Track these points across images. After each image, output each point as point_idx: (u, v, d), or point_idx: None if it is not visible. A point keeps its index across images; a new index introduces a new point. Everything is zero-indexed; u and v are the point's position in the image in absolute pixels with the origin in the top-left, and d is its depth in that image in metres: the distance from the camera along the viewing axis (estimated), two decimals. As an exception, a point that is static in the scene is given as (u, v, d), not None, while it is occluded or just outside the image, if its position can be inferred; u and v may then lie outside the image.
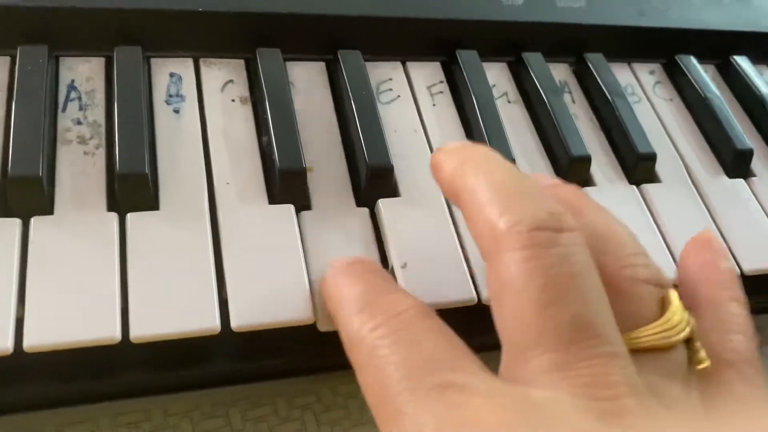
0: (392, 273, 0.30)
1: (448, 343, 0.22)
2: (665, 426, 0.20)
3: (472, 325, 0.27)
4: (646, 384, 0.21)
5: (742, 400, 0.23)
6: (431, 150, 0.35)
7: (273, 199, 0.31)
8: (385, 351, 0.22)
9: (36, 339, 0.25)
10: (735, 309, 0.26)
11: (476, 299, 0.30)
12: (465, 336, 0.23)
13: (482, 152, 0.26)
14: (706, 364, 0.23)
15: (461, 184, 0.25)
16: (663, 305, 0.23)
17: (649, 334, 0.22)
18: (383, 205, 0.32)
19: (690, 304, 0.26)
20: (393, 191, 0.33)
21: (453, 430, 0.19)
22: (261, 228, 0.30)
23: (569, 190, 0.28)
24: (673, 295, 0.24)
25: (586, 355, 0.20)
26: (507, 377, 0.21)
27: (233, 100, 0.34)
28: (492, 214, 0.22)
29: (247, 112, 0.34)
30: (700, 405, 0.22)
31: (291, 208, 0.31)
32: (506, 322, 0.22)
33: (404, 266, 0.29)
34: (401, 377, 0.21)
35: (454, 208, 0.33)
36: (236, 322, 0.27)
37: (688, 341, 0.23)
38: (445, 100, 0.38)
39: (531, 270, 0.21)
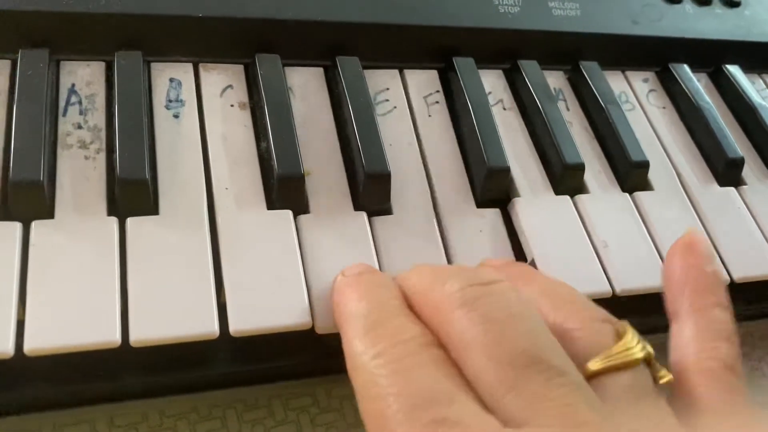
0: None
1: (444, 376, 0.22)
2: (642, 417, 0.21)
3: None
4: (614, 406, 0.22)
5: (719, 410, 0.23)
6: (425, 164, 0.36)
7: (271, 204, 0.31)
8: (384, 381, 0.22)
9: (37, 342, 0.25)
10: (719, 315, 0.26)
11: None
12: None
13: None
14: (668, 378, 0.24)
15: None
16: (619, 336, 0.24)
17: (612, 355, 0.23)
18: (378, 222, 0.32)
19: (674, 311, 0.27)
20: (388, 198, 0.33)
21: None
22: (259, 233, 0.30)
23: (518, 265, 0.31)
24: (626, 325, 0.25)
25: (548, 387, 0.21)
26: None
27: (232, 106, 0.35)
28: (425, 293, 0.25)
29: (245, 117, 0.34)
30: (672, 419, 0.23)
31: (289, 213, 0.31)
32: (472, 379, 0.23)
33: None
34: (398, 410, 0.21)
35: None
36: (234, 327, 0.27)
37: (649, 363, 0.24)
38: (442, 108, 0.38)
39: (472, 320, 0.23)
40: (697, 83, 0.44)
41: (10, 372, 0.26)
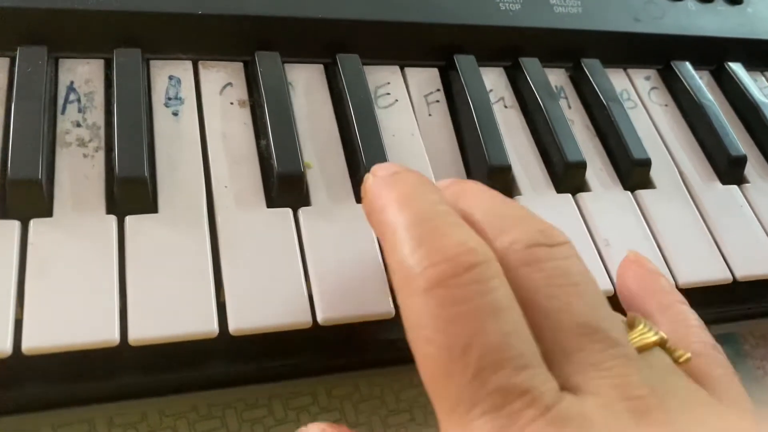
0: None
1: (516, 325, 0.20)
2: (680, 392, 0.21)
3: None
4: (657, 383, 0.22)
5: (724, 385, 0.24)
6: (428, 155, 0.36)
7: (271, 202, 0.31)
8: (446, 326, 0.19)
9: (35, 341, 0.25)
10: (684, 308, 0.27)
11: None
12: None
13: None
14: (687, 356, 0.24)
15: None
16: (630, 326, 0.24)
17: (632, 338, 0.23)
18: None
19: (643, 314, 0.27)
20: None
21: None
22: (259, 232, 0.30)
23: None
24: (634, 316, 0.25)
25: (603, 357, 0.21)
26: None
27: (232, 103, 0.34)
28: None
29: (245, 115, 0.34)
30: (702, 391, 0.23)
31: (289, 212, 0.31)
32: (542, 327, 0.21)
33: None
34: (461, 368, 0.19)
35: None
36: (234, 326, 0.27)
37: (663, 347, 0.24)
38: (443, 105, 0.38)
39: (536, 282, 0.22)
40: (699, 81, 0.44)
41: (9, 371, 0.26)
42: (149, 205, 0.29)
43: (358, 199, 0.32)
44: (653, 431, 0.20)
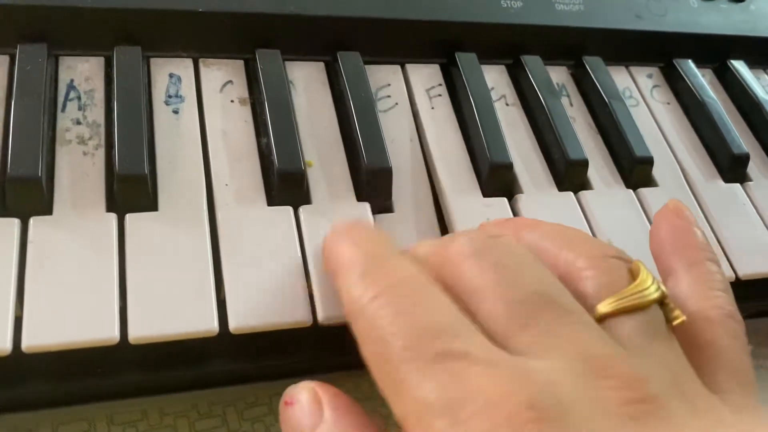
0: None
1: (447, 310, 0.22)
2: (654, 358, 0.21)
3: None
4: (629, 345, 0.22)
5: (729, 355, 0.24)
6: (426, 159, 0.35)
7: (272, 200, 0.31)
8: (385, 321, 0.22)
9: (34, 339, 0.25)
10: (713, 268, 0.27)
11: None
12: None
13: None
14: (681, 318, 0.24)
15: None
16: (633, 275, 0.24)
17: (625, 296, 0.23)
18: (379, 220, 0.32)
19: (668, 270, 0.27)
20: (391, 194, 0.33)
21: (454, 402, 0.19)
22: (259, 230, 0.30)
23: (520, 218, 0.32)
24: (640, 265, 0.25)
25: (559, 323, 0.21)
26: None
27: (232, 101, 0.34)
28: (440, 247, 0.25)
29: (246, 113, 0.34)
30: (684, 360, 0.23)
31: (290, 210, 0.31)
32: (483, 323, 0.22)
33: None
34: (402, 347, 0.21)
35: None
36: (234, 324, 0.27)
37: (662, 304, 0.24)
38: (444, 103, 0.38)
39: (482, 268, 0.23)
40: (701, 79, 0.44)
41: (8, 369, 0.26)
42: (149, 203, 0.29)
43: (359, 198, 0.32)
44: (612, 385, 0.20)
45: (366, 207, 0.32)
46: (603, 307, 0.23)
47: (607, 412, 0.19)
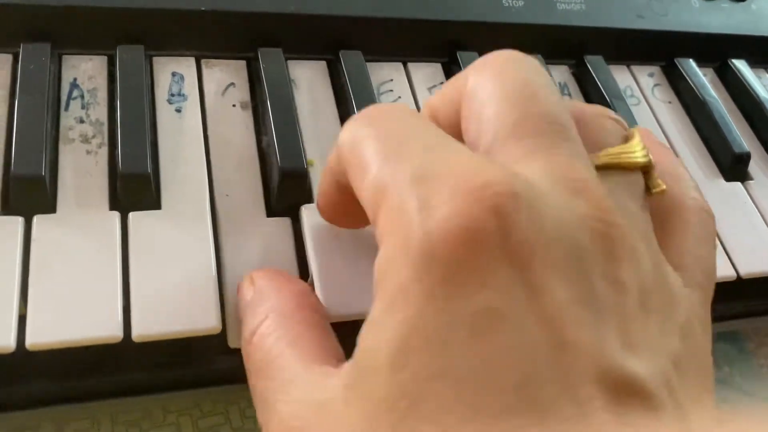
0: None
1: (427, 125, 0.22)
2: (626, 212, 0.21)
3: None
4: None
5: (698, 240, 0.24)
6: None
7: (273, 199, 0.31)
8: (362, 131, 0.22)
9: (38, 337, 0.25)
10: (683, 168, 0.27)
11: None
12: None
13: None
14: (662, 187, 0.24)
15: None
16: (625, 139, 0.24)
17: (613, 153, 0.23)
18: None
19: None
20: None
21: (426, 180, 0.19)
22: (260, 228, 0.30)
23: None
24: (635, 132, 0.25)
25: (557, 144, 0.21)
26: None
27: (234, 105, 0.34)
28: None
29: (246, 115, 0.34)
30: (650, 224, 0.23)
31: (289, 220, 0.31)
32: (483, 126, 0.22)
33: None
34: (384, 141, 0.21)
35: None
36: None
37: (646, 173, 0.24)
38: (446, 102, 0.38)
39: (504, 79, 0.22)
40: (702, 78, 0.44)
41: (12, 367, 0.26)
42: (152, 202, 0.29)
43: None
44: (585, 200, 0.19)
45: None
46: (594, 159, 0.22)
47: (575, 217, 0.19)
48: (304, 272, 0.29)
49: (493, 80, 0.23)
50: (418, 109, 0.37)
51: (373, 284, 0.20)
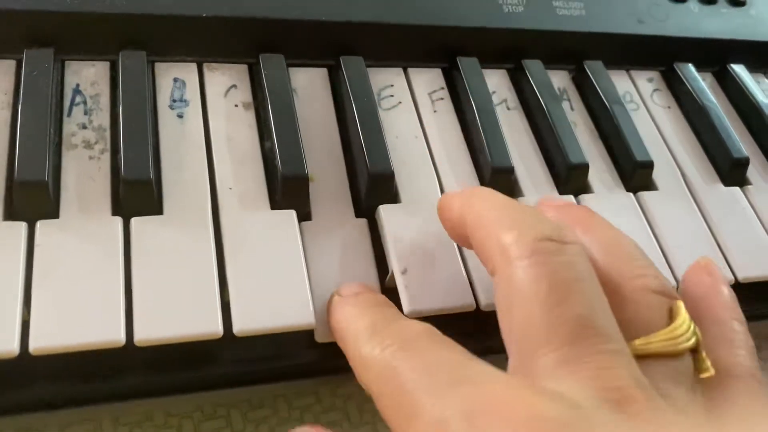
0: (392, 278, 0.30)
1: (459, 353, 0.23)
2: (669, 419, 0.21)
3: (470, 331, 0.28)
4: (652, 385, 0.21)
5: (747, 411, 0.23)
6: (432, 156, 0.36)
7: (275, 204, 0.31)
8: (399, 362, 0.22)
9: (41, 342, 0.25)
10: (738, 327, 0.26)
11: (474, 305, 0.30)
12: (463, 340, 0.24)
13: (486, 189, 0.28)
14: (710, 372, 0.24)
15: (469, 212, 0.26)
16: (671, 315, 0.24)
17: (658, 340, 0.23)
18: (384, 210, 0.32)
19: (695, 321, 0.27)
20: (393, 198, 0.33)
21: (478, 416, 0.19)
22: (263, 233, 0.30)
23: (580, 208, 0.30)
24: (681, 306, 0.24)
25: (592, 351, 0.21)
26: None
27: (236, 106, 0.35)
28: (500, 231, 0.24)
29: (249, 117, 0.34)
30: (704, 410, 0.22)
31: (293, 213, 0.31)
32: (515, 327, 0.23)
33: (404, 272, 0.30)
34: (417, 379, 0.21)
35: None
36: (239, 327, 0.27)
37: (694, 351, 0.24)
38: (446, 107, 0.38)
39: (538, 275, 0.22)
40: (702, 83, 0.44)
41: (16, 371, 0.26)
42: (154, 207, 0.30)
43: (358, 213, 0.33)
44: (624, 419, 0.20)
45: (364, 223, 0.32)
46: (635, 349, 0.22)
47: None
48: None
49: (528, 273, 0.23)
50: (418, 110, 0.37)
51: None
